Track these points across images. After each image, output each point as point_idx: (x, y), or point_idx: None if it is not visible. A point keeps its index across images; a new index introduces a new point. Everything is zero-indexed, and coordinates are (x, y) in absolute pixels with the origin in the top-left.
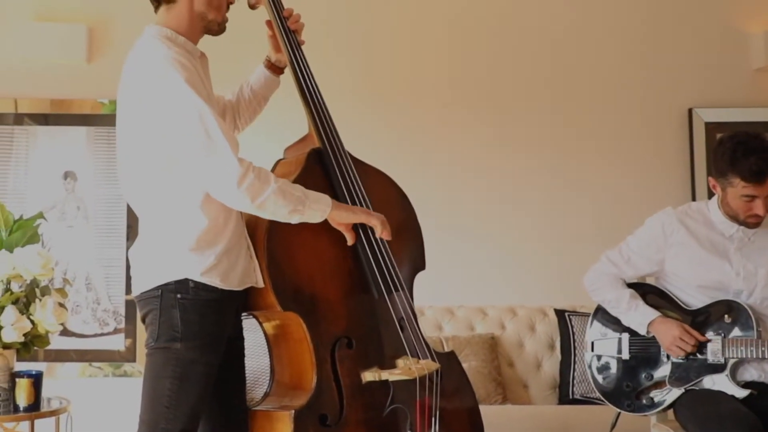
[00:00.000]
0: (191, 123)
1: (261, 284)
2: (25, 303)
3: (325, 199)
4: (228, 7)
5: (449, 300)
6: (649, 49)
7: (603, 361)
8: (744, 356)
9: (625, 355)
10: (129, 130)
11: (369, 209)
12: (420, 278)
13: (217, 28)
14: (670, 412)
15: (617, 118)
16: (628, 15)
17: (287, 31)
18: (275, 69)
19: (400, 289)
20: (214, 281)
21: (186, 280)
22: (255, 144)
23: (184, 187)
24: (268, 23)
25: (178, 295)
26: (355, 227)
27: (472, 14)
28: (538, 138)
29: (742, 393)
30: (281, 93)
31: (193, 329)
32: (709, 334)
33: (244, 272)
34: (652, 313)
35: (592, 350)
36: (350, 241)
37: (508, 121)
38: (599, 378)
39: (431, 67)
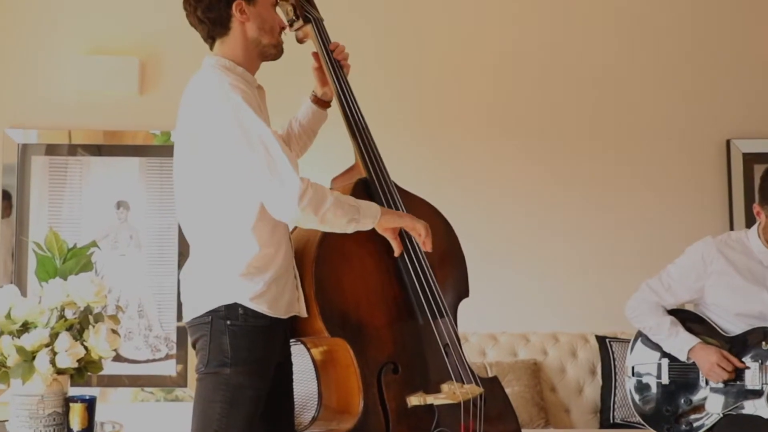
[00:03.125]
0: (252, 143)
1: (304, 314)
2: (78, 329)
3: (374, 206)
4: (281, 32)
5: (492, 326)
6: (688, 82)
7: (643, 385)
8: None
9: (665, 380)
10: (186, 157)
11: (413, 241)
12: (464, 305)
13: (275, 51)
14: None
15: (657, 150)
16: (668, 49)
17: (333, 63)
18: (322, 103)
19: (444, 315)
20: (262, 308)
21: (235, 305)
22: (303, 174)
23: (236, 212)
24: (315, 55)
25: (228, 322)
26: (403, 251)
27: (518, 49)
28: (580, 168)
29: None
30: (328, 124)
31: (242, 355)
32: (747, 361)
33: (289, 302)
34: (692, 340)
35: (633, 375)
36: (397, 251)
37: (550, 152)
38: (639, 402)
39: (477, 100)
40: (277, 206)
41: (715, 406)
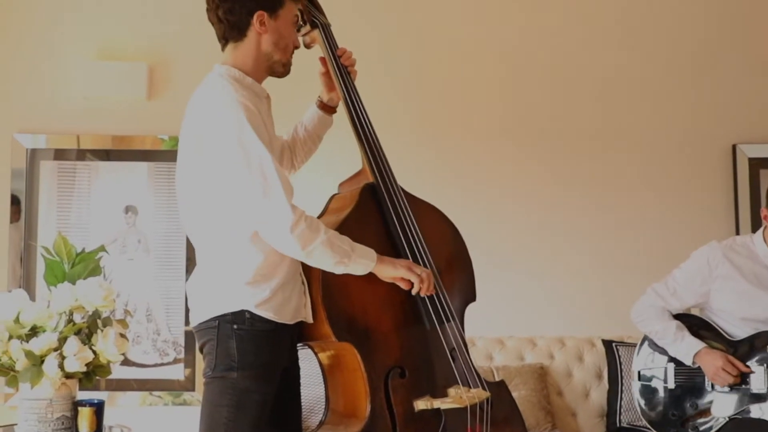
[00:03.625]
0: (250, 165)
1: (310, 320)
2: (87, 334)
3: (370, 255)
4: (293, 51)
5: (499, 331)
6: (694, 87)
7: (649, 390)
8: None
9: (671, 385)
10: (189, 164)
11: (420, 247)
12: (471, 309)
13: (282, 69)
14: None
15: (663, 154)
16: (673, 53)
17: (341, 68)
18: (328, 109)
19: (451, 319)
20: (268, 314)
21: (242, 312)
22: (310, 179)
23: (237, 223)
24: (322, 60)
25: (235, 326)
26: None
27: (519, 51)
28: (585, 172)
29: None
30: (335, 128)
31: (249, 359)
32: (753, 365)
33: (296, 307)
34: (698, 344)
35: (639, 379)
36: (405, 287)
37: (556, 156)
38: (646, 406)
39: (482, 103)
40: (267, 232)
41: (721, 410)
